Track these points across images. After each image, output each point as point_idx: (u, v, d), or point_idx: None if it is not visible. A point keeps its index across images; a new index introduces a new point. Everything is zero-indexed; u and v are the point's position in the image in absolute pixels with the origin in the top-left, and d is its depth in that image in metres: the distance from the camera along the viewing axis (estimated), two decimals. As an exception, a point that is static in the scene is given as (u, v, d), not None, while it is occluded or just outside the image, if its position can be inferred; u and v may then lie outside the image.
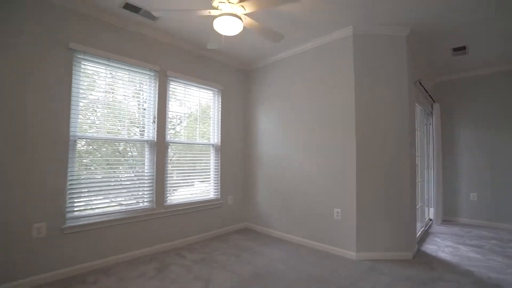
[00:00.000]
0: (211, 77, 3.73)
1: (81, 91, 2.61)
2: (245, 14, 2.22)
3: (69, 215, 2.49)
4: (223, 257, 2.93)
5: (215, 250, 3.16)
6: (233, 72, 4.07)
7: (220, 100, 3.84)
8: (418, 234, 3.49)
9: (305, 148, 3.40)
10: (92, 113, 2.73)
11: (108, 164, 2.82)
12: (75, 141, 2.55)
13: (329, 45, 3.19)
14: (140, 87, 3.05)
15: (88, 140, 2.68)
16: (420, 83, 3.49)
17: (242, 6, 2.10)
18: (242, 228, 4.08)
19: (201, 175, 3.65)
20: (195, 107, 3.61)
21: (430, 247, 3.28)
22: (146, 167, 3.03)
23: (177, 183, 3.36)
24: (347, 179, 2.96)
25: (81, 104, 2.61)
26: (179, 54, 3.36)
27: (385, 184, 2.90)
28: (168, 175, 3.21)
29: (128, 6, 2.57)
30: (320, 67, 3.28)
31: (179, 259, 2.87)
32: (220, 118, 3.82)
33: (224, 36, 2.50)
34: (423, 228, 3.87)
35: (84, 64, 2.64)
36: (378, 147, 2.92)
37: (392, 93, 2.95)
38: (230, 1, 2.09)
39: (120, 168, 2.90)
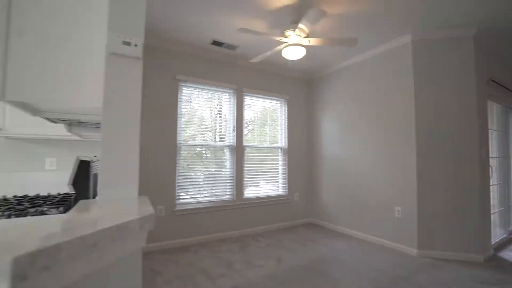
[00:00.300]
0: (278, 89, 4.30)
1: (182, 109, 3.49)
2: (308, 41, 2.70)
3: (177, 201, 3.39)
4: (291, 244, 3.45)
5: (284, 238, 3.70)
6: (297, 82, 4.56)
7: (286, 108, 4.37)
8: (496, 240, 3.34)
9: (367, 150, 3.64)
10: (189, 126, 3.60)
11: (201, 164, 3.66)
12: (180, 147, 3.45)
13: (389, 53, 3.38)
14: (222, 102, 3.82)
15: (187, 146, 3.56)
16: (493, 80, 3.33)
17: (308, 40, 2.58)
18: (307, 223, 4.52)
19: (271, 174, 4.25)
20: (265, 115, 4.23)
21: (510, 254, 3.12)
22: (228, 167, 3.79)
23: (252, 180, 4.03)
24: (408, 179, 3.11)
25: (182, 118, 3.50)
26: (252, 73, 4.04)
27: (449, 185, 2.94)
28: (245, 173, 3.91)
29: (215, 42, 3.34)
30: (381, 73, 3.48)
31: (255, 242, 3.52)
32: (286, 124, 4.36)
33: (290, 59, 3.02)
34: (505, 235, 3.62)
35: (184, 89, 3.52)
36: (440, 148, 2.99)
37: (456, 95, 2.97)
38: (298, 34, 2.59)
39: (210, 167, 3.71)
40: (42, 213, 1.26)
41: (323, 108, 4.42)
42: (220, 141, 3.81)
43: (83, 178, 1.24)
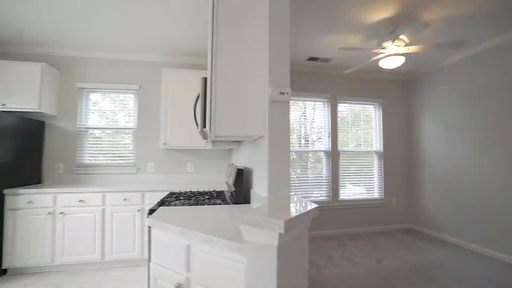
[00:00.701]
0: (372, 93, 4.33)
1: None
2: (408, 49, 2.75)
3: (280, 199, 3.91)
4: (390, 247, 3.48)
5: (382, 241, 3.74)
6: (392, 85, 4.46)
7: (381, 112, 4.35)
8: None
9: (482, 153, 3.31)
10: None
11: (302, 167, 4.09)
12: (281, 152, 3.96)
13: (505, 45, 3.01)
14: (317, 110, 4.16)
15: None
16: None
17: (407, 48, 2.65)
18: (406, 228, 4.36)
19: (366, 177, 4.31)
20: (359, 120, 4.34)
21: None
22: (324, 170, 4.10)
23: (347, 182, 4.21)
24: (541, 188, 2.72)
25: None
26: (345, 80, 4.23)
27: None
28: (340, 176, 4.13)
29: (311, 58, 3.72)
30: (494, 69, 3.12)
31: (352, 242, 3.70)
32: (381, 127, 4.34)
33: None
34: None
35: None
36: None
37: None
38: (397, 44, 2.69)
39: (309, 170, 4.10)
40: (215, 203, 1.90)
41: (423, 108, 4.18)
42: (316, 146, 4.15)
43: (239, 180, 1.81)
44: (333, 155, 4.10)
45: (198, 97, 2.00)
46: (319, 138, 4.17)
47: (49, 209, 2.71)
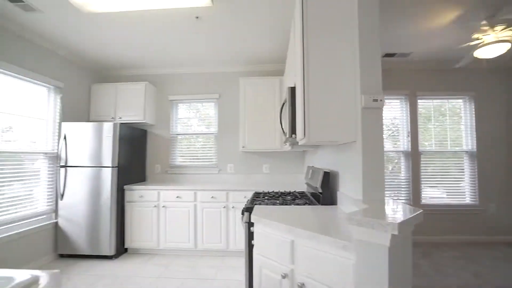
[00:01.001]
0: (459, 86, 3.85)
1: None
2: None
3: (354, 201, 3.83)
4: (488, 261, 3.06)
5: (477, 253, 3.31)
6: (486, 74, 3.88)
7: (473, 106, 3.84)
8: None
9: None
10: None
11: (374, 169, 3.92)
12: (354, 153, 3.87)
13: None
14: (391, 108, 3.92)
15: (361, 152, 3.93)
16: None
17: (510, 30, 2.32)
18: (510, 241, 3.74)
19: (451, 180, 3.86)
20: (440, 117, 3.91)
21: None
22: (403, 171, 3.84)
23: (430, 186, 3.85)
24: None
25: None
26: (426, 75, 3.87)
27: None
28: (421, 179, 3.81)
29: (387, 55, 3.54)
30: None
31: (439, 251, 3.38)
32: (474, 124, 3.83)
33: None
34: None
35: (356, 101, 3.92)
36: None
37: None
38: (494, 30, 2.39)
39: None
40: (300, 203, 2.04)
41: (532, 100, 3.53)
42: (385, 146, 3.92)
43: (326, 182, 1.90)
44: (413, 155, 3.80)
45: (283, 104, 2.16)
46: (390, 136, 3.91)
47: (155, 202, 3.27)
